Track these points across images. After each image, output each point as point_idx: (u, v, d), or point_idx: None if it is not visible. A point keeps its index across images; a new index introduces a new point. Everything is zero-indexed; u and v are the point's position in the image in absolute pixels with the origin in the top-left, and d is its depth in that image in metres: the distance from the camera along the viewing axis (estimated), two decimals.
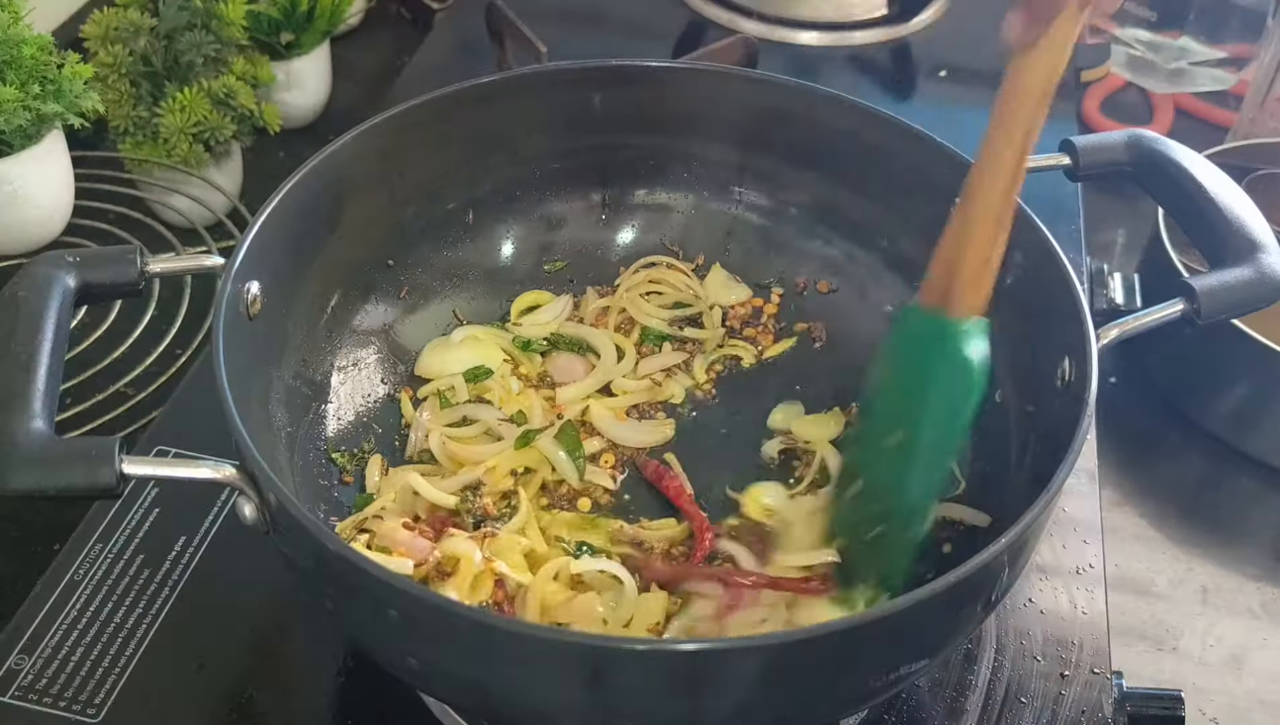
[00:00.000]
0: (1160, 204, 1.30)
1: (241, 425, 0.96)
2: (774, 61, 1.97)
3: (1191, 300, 1.12)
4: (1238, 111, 2.09)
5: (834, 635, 0.87)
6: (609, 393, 1.40)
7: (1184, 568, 1.52)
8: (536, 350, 1.41)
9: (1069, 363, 1.12)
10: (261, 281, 1.14)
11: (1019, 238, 1.18)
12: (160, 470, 0.95)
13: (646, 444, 1.34)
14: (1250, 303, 1.13)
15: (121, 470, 0.90)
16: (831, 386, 1.39)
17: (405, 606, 0.89)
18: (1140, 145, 1.28)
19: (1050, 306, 1.16)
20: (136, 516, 1.28)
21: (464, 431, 1.32)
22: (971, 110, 1.95)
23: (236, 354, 1.04)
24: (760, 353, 1.44)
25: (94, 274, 1.07)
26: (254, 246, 1.11)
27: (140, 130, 1.72)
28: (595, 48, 1.85)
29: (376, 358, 1.36)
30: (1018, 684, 1.18)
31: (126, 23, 1.70)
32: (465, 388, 1.34)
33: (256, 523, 0.96)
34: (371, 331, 1.37)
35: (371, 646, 1.00)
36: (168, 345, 1.53)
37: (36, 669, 1.15)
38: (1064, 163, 1.29)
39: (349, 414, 1.32)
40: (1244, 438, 1.63)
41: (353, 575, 0.89)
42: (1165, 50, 2.22)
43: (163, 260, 1.09)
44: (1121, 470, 1.63)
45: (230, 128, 1.73)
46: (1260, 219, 1.19)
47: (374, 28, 2.34)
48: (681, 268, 1.49)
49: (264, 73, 1.83)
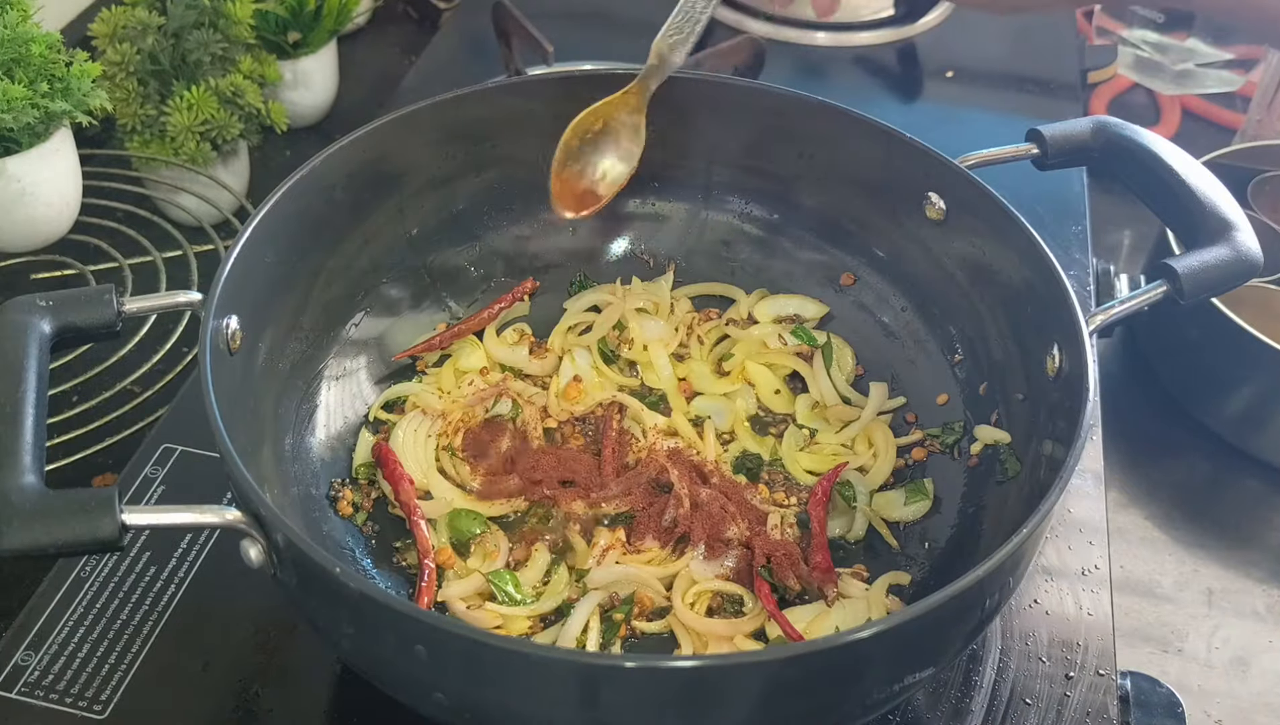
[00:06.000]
0: (1130, 190, 1.30)
1: (243, 466, 0.94)
2: (781, 62, 1.98)
3: (1173, 281, 1.14)
4: (1245, 113, 2.09)
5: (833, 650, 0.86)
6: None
7: (1190, 570, 1.52)
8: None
9: (1059, 351, 1.14)
10: (241, 314, 1.13)
11: (1002, 231, 1.22)
12: (162, 518, 0.93)
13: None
14: (1229, 280, 1.16)
15: (123, 521, 0.88)
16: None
17: (435, 641, 0.87)
18: (1106, 131, 1.29)
19: (1036, 296, 1.18)
20: None
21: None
22: (977, 111, 1.98)
23: (227, 390, 1.03)
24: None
25: (69, 317, 1.05)
26: (231, 279, 1.10)
27: (148, 128, 1.72)
28: (602, 47, 1.87)
29: (363, 370, 1.37)
30: (1022, 685, 1.18)
31: (134, 21, 1.70)
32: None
33: (263, 565, 0.95)
34: (360, 342, 1.37)
35: (394, 685, 0.98)
36: (175, 342, 1.53)
37: (43, 665, 1.15)
38: (1032, 152, 1.30)
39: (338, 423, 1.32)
40: (1251, 439, 1.62)
41: (376, 613, 0.88)
42: (1172, 51, 2.22)
43: (139, 300, 1.08)
44: (1128, 471, 1.62)
45: (237, 126, 1.73)
46: (1230, 198, 1.21)
47: (381, 27, 2.34)
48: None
49: (271, 72, 1.83)
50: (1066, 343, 1.11)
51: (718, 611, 1.18)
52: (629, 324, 1.42)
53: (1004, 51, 2.09)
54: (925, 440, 1.32)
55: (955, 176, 1.27)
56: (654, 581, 1.17)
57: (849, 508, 1.26)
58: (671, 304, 1.46)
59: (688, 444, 1.32)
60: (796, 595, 1.18)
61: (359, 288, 1.36)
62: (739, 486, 1.27)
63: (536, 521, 1.26)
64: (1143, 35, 2.23)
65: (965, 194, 1.27)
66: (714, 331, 1.45)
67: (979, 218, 1.26)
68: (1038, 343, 1.17)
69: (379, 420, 1.34)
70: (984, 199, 1.24)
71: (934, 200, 1.31)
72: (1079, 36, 2.20)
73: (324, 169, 1.25)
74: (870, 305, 1.43)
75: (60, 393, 1.47)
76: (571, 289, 1.49)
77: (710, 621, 1.15)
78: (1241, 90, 2.22)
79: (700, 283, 1.49)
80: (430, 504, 1.24)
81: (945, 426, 1.31)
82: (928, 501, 1.26)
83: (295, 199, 1.22)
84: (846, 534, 1.25)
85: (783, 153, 1.39)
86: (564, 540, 1.23)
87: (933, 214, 1.31)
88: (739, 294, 1.47)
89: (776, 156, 1.40)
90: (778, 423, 1.38)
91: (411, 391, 1.35)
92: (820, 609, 1.15)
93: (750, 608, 1.16)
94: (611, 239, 1.51)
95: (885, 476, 1.29)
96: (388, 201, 1.36)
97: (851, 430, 1.34)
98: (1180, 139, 2.17)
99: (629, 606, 1.16)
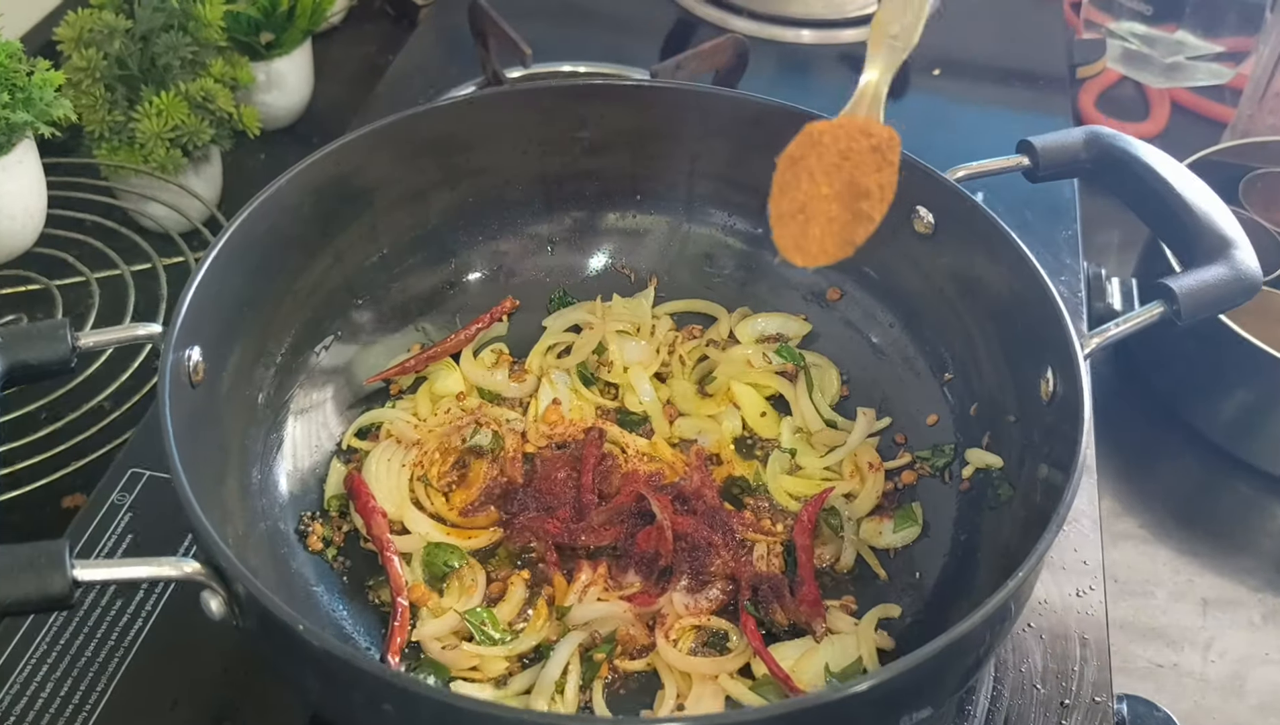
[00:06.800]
0: (1126, 204, 1.27)
1: (204, 516, 0.90)
2: (765, 61, 1.94)
3: (1171, 302, 1.11)
4: (1235, 107, 2.06)
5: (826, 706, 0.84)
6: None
7: (1184, 580, 1.50)
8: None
9: (1053, 374, 1.11)
10: (204, 344, 1.09)
11: (992, 246, 1.18)
12: (117, 573, 0.89)
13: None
14: (1228, 300, 1.13)
15: (74, 577, 0.84)
16: None
17: (403, 702, 0.84)
18: (1099, 142, 1.26)
19: (1028, 315, 1.15)
20: (109, 544, 1.24)
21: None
22: (965, 107, 1.95)
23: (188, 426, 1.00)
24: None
25: (23, 354, 1.01)
26: (193, 309, 1.06)
27: (116, 135, 1.68)
28: (581, 47, 1.83)
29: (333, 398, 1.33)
30: (1017, 714, 1.15)
31: (101, 25, 1.65)
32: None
33: (225, 617, 0.91)
34: (331, 366, 1.33)
35: None
36: (145, 357, 1.49)
37: (4, 705, 1.11)
38: (1023, 164, 1.27)
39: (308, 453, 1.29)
40: (1244, 444, 1.61)
41: (342, 671, 0.85)
42: (1161, 44, 2.19)
43: (95, 334, 1.04)
44: (1120, 477, 1.61)
45: (208, 132, 1.69)
46: (1228, 214, 1.18)
47: (357, 24, 2.29)
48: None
49: (243, 74, 1.79)
50: (1061, 366, 1.09)
51: (702, 649, 1.15)
52: (609, 346, 1.39)
53: (992, 47, 2.06)
54: (914, 463, 1.29)
55: (943, 189, 1.24)
56: (636, 619, 1.14)
57: (835, 536, 1.23)
58: (653, 325, 1.43)
59: (670, 467, 1.29)
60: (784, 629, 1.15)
61: (329, 310, 1.33)
62: (724, 513, 1.23)
63: (514, 552, 1.22)
64: (1130, 27, 2.21)
65: (954, 207, 1.24)
66: (695, 351, 1.41)
67: (968, 232, 1.23)
68: (1030, 364, 1.14)
69: (351, 448, 1.31)
70: (973, 213, 1.21)
71: (922, 214, 1.28)
72: (1067, 30, 2.17)
73: (290, 188, 1.21)
74: (857, 322, 1.40)
75: (27, 414, 1.43)
76: (550, 306, 1.45)
77: (694, 660, 1.12)
78: (1231, 83, 2.19)
79: (682, 299, 1.46)
80: (404, 539, 1.21)
81: (935, 448, 1.28)
82: (917, 527, 1.23)
83: (261, 220, 1.18)
84: (835, 563, 1.22)
85: (766, 164, 1.35)
86: (542, 574, 1.20)
87: (921, 227, 1.28)
88: (721, 312, 1.44)
89: (759, 168, 1.36)
90: (764, 444, 1.35)
91: (386, 417, 1.32)
92: (808, 645, 1.12)
93: (736, 643, 1.13)
94: (591, 254, 1.48)
95: (873, 503, 1.26)
96: (358, 219, 1.32)
97: (836, 455, 1.31)
98: (1169, 133, 2.18)
99: (610, 645, 1.13)
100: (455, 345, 1.38)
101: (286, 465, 1.26)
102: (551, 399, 1.34)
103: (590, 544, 1.20)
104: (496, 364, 1.39)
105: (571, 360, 1.38)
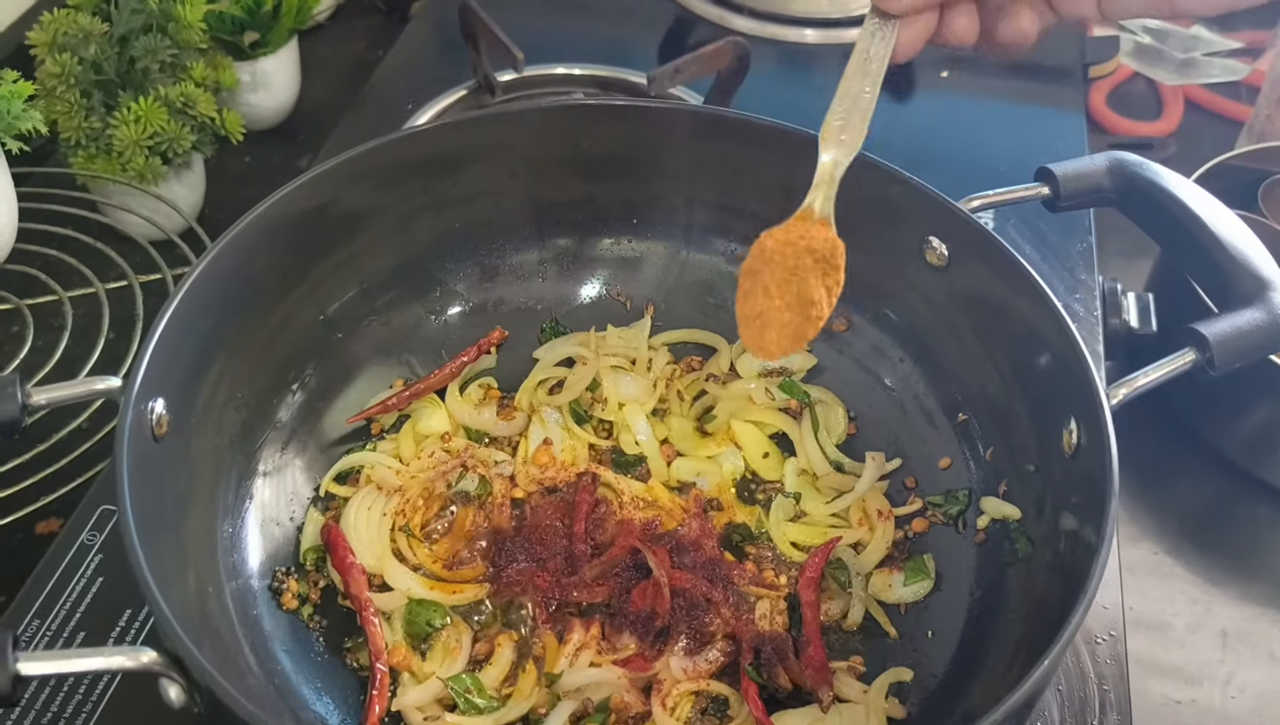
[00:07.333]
0: (1153, 238, 1.21)
1: (163, 601, 0.85)
2: (767, 62, 1.89)
3: (1203, 349, 1.06)
4: (1251, 105, 2.00)
5: None
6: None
7: (1202, 609, 1.45)
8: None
9: (1076, 426, 1.06)
10: (168, 395, 1.03)
11: (1010, 282, 1.12)
12: (65, 666, 0.83)
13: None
14: (1264, 347, 1.06)
15: (17, 672, 0.79)
16: None
17: None
18: (1123, 170, 1.20)
19: (1049, 357, 1.10)
20: (79, 587, 1.19)
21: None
22: (973, 109, 1.89)
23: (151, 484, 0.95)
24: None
25: None
26: (155, 360, 1.00)
27: (93, 142, 1.62)
28: (577, 46, 1.78)
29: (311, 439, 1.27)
30: None
31: (76, 27, 1.59)
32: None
33: (185, 705, 0.85)
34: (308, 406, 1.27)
35: None
36: None
37: None
38: (1043, 193, 1.22)
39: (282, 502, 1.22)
40: (1263, 464, 1.55)
41: None
42: (1175, 39, 2.15)
43: (48, 390, 0.98)
44: (1137, 499, 1.55)
45: (189, 139, 1.63)
46: (1265, 253, 1.11)
47: (347, 20, 2.23)
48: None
49: (227, 76, 1.73)
50: (1085, 418, 1.03)
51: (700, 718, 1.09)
52: (603, 382, 1.33)
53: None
54: (926, 509, 1.23)
55: (957, 220, 1.18)
56: (631, 686, 1.09)
57: (843, 591, 1.17)
58: (650, 357, 1.37)
59: (668, 513, 1.23)
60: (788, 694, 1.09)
61: (305, 346, 1.26)
62: (725, 565, 1.17)
63: (502, 609, 1.16)
64: (1143, 22, 2.15)
65: (969, 239, 1.18)
66: (694, 386, 1.36)
67: (984, 265, 1.17)
68: (1052, 412, 1.09)
69: (330, 494, 1.24)
70: (989, 246, 1.15)
71: (935, 244, 1.22)
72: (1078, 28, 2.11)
73: (260, 222, 1.14)
74: (864, 357, 1.34)
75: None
76: (542, 336, 1.39)
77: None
78: (1248, 79, 2.14)
79: (681, 329, 1.40)
80: (385, 597, 1.15)
81: (948, 494, 1.22)
82: (929, 581, 1.17)
83: (229, 258, 1.12)
84: (842, 620, 1.17)
85: (768, 189, 1.29)
86: (532, 634, 1.14)
87: (934, 259, 1.22)
88: (721, 343, 1.38)
89: (761, 193, 1.31)
90: (766, 488, 1.29)
91: (366, 461, 1.25)
92: (814, 714, 1.06)
93: (736, 710, 1.08)
94: (584, 281, 1.42)
95: (882, 553, 1.21)
96: (336, 250, 1.26)
97: (843, 501, 1.25)
98: (1183, 132, 2.12)
99: (604, 715, 1.07)
100: (440, 380, 1.31)
101: (259, 516, 1.19)
102: (542, 439, 1.28)
103: (583, 600, 1.13)
104: (484, 400, 1.33)
105: (564, 397, 1.32)
